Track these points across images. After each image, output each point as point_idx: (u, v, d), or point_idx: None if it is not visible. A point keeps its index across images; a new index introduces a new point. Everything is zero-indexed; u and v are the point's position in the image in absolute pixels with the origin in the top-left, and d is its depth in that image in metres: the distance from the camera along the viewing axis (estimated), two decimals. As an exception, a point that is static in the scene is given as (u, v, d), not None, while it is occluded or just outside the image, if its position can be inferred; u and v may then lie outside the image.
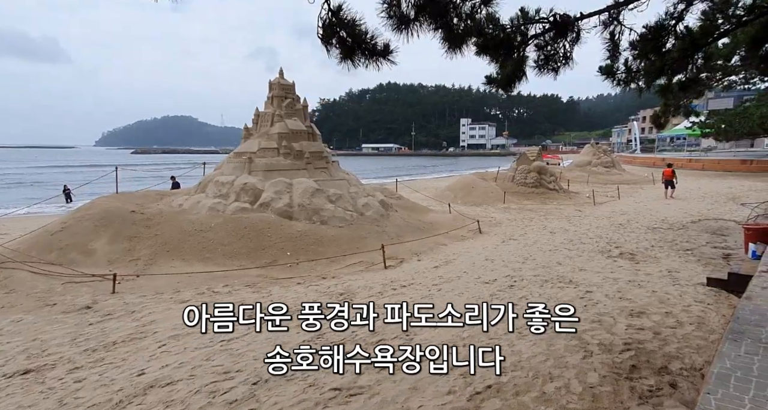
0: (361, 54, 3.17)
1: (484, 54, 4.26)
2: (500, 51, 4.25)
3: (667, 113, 11.30)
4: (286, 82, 12.79)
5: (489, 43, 4.18)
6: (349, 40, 3.07)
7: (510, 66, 4.41)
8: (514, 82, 4.51)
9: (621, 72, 4.90)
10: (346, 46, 3.10)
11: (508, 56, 4.34)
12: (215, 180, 11.37)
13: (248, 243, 9.09)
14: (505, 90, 4.58)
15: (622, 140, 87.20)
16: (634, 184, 26.69)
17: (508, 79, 4.45)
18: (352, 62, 3.22)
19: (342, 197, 11.46)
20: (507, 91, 4.60)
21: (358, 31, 3.07)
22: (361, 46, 3.10)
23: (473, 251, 9.83)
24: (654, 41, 4.27)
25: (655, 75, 4.63)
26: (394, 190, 17.60)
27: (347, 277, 7.87)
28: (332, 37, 3.06)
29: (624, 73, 4.86)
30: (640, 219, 13.87)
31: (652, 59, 4.52)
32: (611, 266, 8.25)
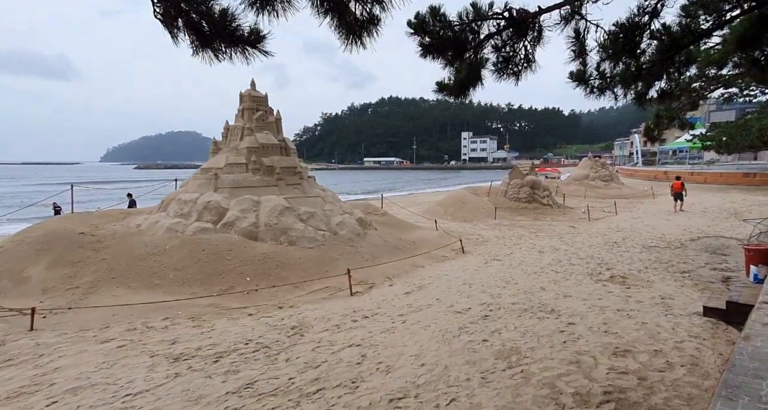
0: (222, 42, 2.57)
1: (430, 55, 3.72)
2: (448, 52, 3.72)
3: (659, 126, 10.81)
4: (257, 94, 12.32)
5: (436, 42, 3.65)
6: (201, 21, 2.48)
7: (464, 70, 3.87)
8: (467, 89, 3.96)
9: (594, 78, 4.35)
10: (199, 30, 2.50)
11: (458, 58, 3.81)
12: (178, 198, 10.79)
13: (204, 268, 8.45)
14: (457, 97, 4.03)
15: (624, 152, 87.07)
16: (633, 198, 26.13)
17: (461, 85, 3.90)
18: (214, 54, 2.64)
19: (314, 216, 10.86)
20: (460, 99, 4.05)
21: (211, 10, 2.48)
22: (219, 31, 2.50)
23: (452, 274, 9.18)
24: (626, 40, 3.74)
25: (631, 81, 4.08)
26: (379, 206, 17.02)
27: (306, 306, 7.21)
28: (176, 19, 2.47)
29: (597, 79, 4.32)
30: (636, 237, 13.25)
31: (627, 63, 3.98)
32: (599, 292, 7.61)
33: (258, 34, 2.62)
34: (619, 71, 4.12)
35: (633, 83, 4.19)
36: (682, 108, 11.95)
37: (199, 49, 2.57)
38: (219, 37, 2.50)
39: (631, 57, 3.88)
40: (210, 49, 2.58)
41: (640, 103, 4.49)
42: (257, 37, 2.62)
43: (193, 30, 2.47)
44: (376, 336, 5.75)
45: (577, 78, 4.37)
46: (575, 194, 27.14)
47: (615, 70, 4.17)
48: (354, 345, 5.40)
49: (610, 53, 3.89)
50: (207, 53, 2.60)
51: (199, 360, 4.83)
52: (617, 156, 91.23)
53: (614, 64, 4.12)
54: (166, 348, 5.13)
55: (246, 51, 2.62)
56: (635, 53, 3.87)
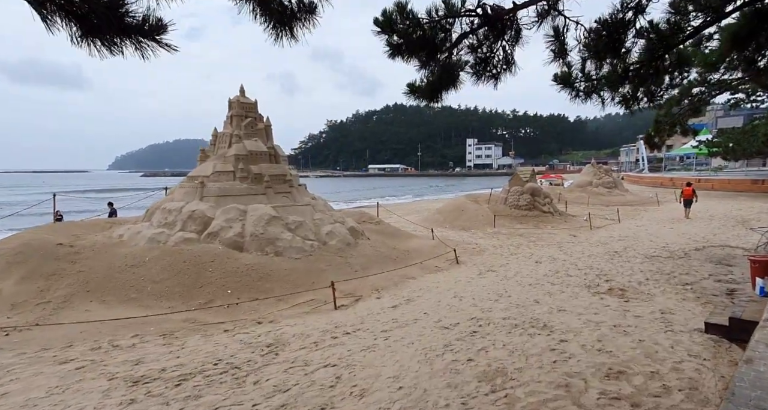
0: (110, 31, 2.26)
1: (400, 56, 3.48)
2: (420, 53, 3.47)
3: (660, 132, 10.51)
4: (246, 101, 12.14)
5: (405, 42, 3.41)
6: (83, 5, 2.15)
7: (437, 72, 3.62)
8: (440, 92, 3.70)
9: (579, 80, 4.09)
10: (81, 16, 2.19)
11: (431, 59, 3.57)
12: (162, 207, 10.58)
13: (184, 280, 8.19)
14: (430, 101, 3.77)
15: (630, 159, 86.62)
16: (637, 205, 25.73)
17: (433, 88, 3.64)
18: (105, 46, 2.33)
19: (303, 225, 10.61)
20: (432, 103, 3.79)
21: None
22: (102, 17, 2.18)
23: (443, 286, 8.88)
24: (609, 39, 3.48)
25: (618, 83, 3.81)
26: (375, 215, 16.75)
27: (287, 321, 6.92)
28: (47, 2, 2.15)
29: (582, 82, 4.05)
30: (638, 246, 12.90)
31: (613, 64, 3.71)
32: (596, 306, 7.28)
33: (158, 24, 2.33)
34: (605, 73, 3.86)
35: (620, 86, 3.93)
36: (683, 114, 11.66)
37: (82, 39, 2.27)
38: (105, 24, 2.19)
39: (616, 57, 3.61)
40: (99, 40, 2.27)
41: (628, 107, 4.22)
42: (157, 27, 2.33)
43: (71, 15, 2.16)
44: (355, 354, 5.45)
45: (561, 81, 4.11)
46: (578, 201, 26.78)
47: (600, 72, 3.91)
48: (329, 366, 5.11)
49: (593, 53, 3.63)
50: (94, 44, 2.30)
51: (160, 383, 4.55)
52: (623, 162, 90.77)
53: (599, 66, 3.86)
54: (127, 370, 4.86)
55: (142, 43, 2.32)
56: (620, 53, 3.61)
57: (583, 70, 3.99)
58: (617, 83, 3.85)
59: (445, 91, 3.71)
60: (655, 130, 9.90)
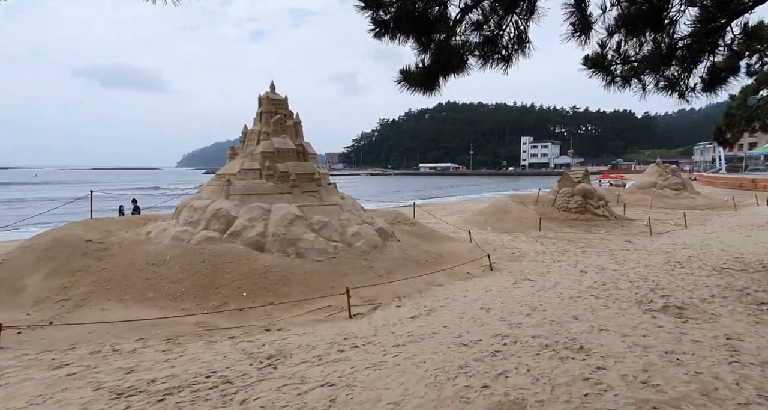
0: None
1: (388, 35, 3.00)
2: (411, 31, 2.98)
3: (733, 127, 9.24)
4: (276, 97, 12.03)
5: (394, 17, 2.92)
6: None
7: (433, 54, 3.11)
8: (437, 79, 3.17)
9: (615, 62, 3.40)
10: None
11: (427, 39, 3.06)
12: (190, 205, 10.66)
13: (201, 281, 8.12)
14: (425, 90, 3.25)
15: (705, 158, 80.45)
16: (709, 209, 23.50)
17: (427, 74, 3.11)
18: None
19: (327, 225, 10.32)
20: (429, 93, 3.28)
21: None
22: None
23: (471, 296, 8.26)
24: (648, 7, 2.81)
25: (661, 63, 3.10)
26: (410, 215, 16.27)
27: (296, 330, 6.60)
28: None
29: (618, 64, 3.36)
30: (706, 256, 11.56)
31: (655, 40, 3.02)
32: (646, 326, 6.41)
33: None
34: (647, 52, 3.16)
35: (663, 68, 3.20)
36: (763, 107, 10.22)
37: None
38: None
39: (657, 30, 2.92)
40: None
41: (680, 95, 3.46)
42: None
43: None
44: (358, 372, 5.02)
45: (593, 64, 3.44)
46: (640, 203, 24.91)
47: (640, 51, 3.21)
48: (327, 385, 4.71)
49: (627, 27, 2.95)
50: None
51: (144, 396, 4.33)
52: (698, 162, 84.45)
53: (638, 44, 3.17)
54: (117, 379, 4.70)
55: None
56: (661, 24, 2.91)
57: (619, 50, 3.31)
58: (659, 64, 3.13)
59: (443, 77, 3.18)
60: (726, 124, 8.67)
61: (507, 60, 3.20)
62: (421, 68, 3.15)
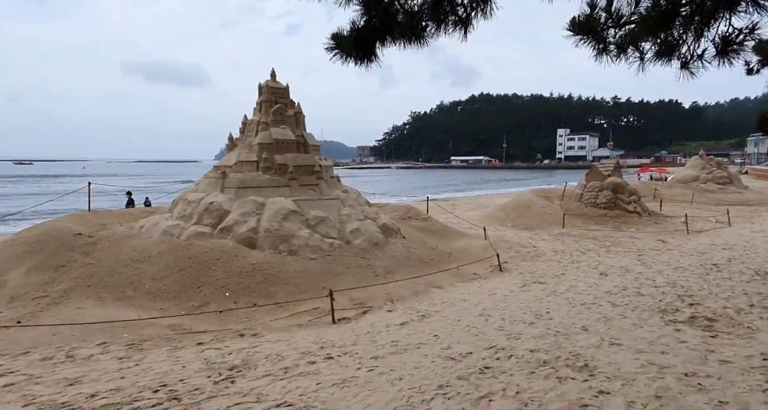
0: None
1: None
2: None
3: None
4: (276, 85, 11.62)
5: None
6: None
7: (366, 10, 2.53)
8: (372, 47, 2.60)
9: (606, 26, 2.72)
10: None
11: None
12: (184, 198, 10.43)
13: (184, 279, 7.81)
14: (358, 59, 2.69)
15: (760, 150, 76.03)
16: (758, 205, 21.83)
17: (358, 39, 2.55)
18: None
19: (325, 221, 9.86)
20: (364, 64, 2.71)
21: None
22: None
23: (472, 299, 7.62)
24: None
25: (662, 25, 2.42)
26: (423, 210, 15.66)
27: (271, 335, 6.16)
28: None
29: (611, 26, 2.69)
30: (749, 258, 10.49)
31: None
32: (666, 340, 5.65)
33: None
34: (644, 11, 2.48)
35: (666, 31, 2.50)
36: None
37: None
38: None
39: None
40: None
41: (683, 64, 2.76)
42: None
43: None
44: (322, 390, 4.52)
45: (580, 28, 2.78)
46: (680, 198, 23.42)
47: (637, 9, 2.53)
48: (284, 405, 4.22)
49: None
50: None
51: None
52: (751, 154, 79.97)
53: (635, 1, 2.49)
54: (55, 392, 4.36)
55: None
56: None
57: (610, 10, 2.62)
58: (660, 26, 2.43)
59: (380, 43, 2.60)
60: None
61: (465, 23, 2.60)
62: (352, 32, 2.57)
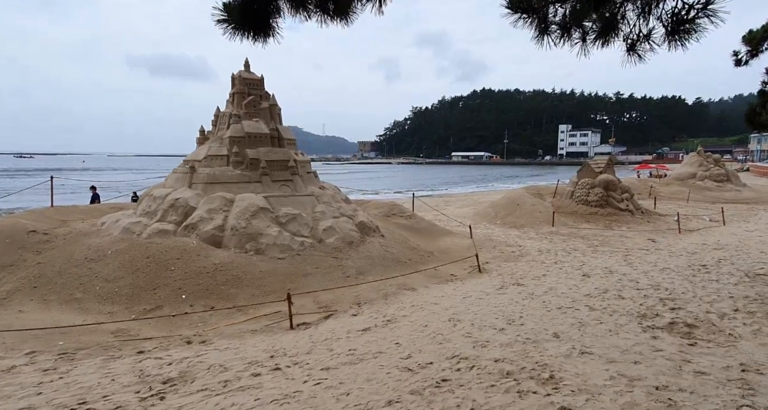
0: None
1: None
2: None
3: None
4: (250, 76, 11.24)
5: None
6: None
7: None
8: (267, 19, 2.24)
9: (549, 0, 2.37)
10: None
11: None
12: (150, 194, 10.07)
13: (138, 280, 7.47)
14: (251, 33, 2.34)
15: (762, 147, 76.01)
16: (755, 204, 21.54)
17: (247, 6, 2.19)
18: None
19: (296, 219, 9.52)
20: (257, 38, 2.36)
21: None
22: None
23: (444, 303, 7.30)
24: None
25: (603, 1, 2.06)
26: (408, 207, 15.33)
27: (220, 343, 5.82)
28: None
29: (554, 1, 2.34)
30: (740, 259, 10.19)
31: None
32: (641, 349, 5.33)
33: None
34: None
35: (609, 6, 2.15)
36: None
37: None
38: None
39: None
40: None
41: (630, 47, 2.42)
42: None
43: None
44: (260, 407, 4.20)
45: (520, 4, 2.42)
46: (676, 196, 23.13)
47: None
48: (211, 425, 3.91)
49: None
50: None
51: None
52: (753, 151, 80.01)
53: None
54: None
55: None
56: None
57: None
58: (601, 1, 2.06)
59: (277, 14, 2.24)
60: (762, 104, 7.29)
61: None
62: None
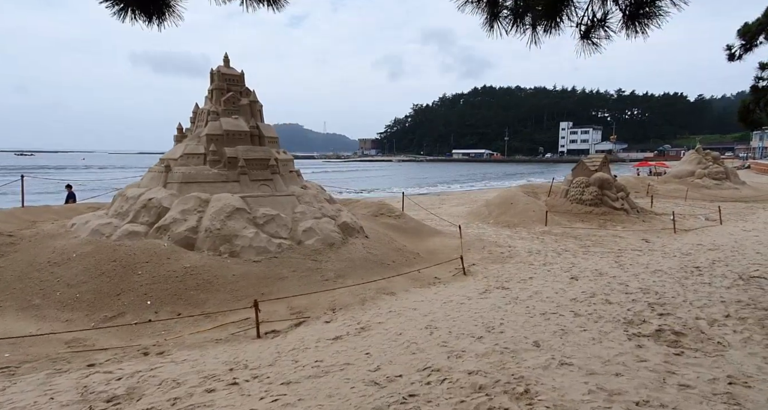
0: None
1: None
2: None
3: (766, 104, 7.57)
4: (229, 72, 10.95)
5: None
6: None
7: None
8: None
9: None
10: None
11: None
12: (123, 194, 9.79)
13: (102, 285, 7.19)
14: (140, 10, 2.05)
15: (765, 144, 75.89)
16: (754, 202, 21.31)
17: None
18: None
19: (275, 220, 9.25)
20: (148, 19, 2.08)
21: None
22: None
23: (424, 308, 7.03)
24: None
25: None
26: (397, 207, 15.04)
27: (180, 354, 5.53)
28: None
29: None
30: (735, 260, 9.93)
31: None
32: (625, 359, 5.07)
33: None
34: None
35: None
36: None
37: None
38: None
39: None
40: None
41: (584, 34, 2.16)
42: None
43: None
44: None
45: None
46: (673, 194, 22.89)
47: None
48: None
49: None
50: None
51: None
52: (755, 148, 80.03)
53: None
54: None
55: None
56: None
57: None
58: None
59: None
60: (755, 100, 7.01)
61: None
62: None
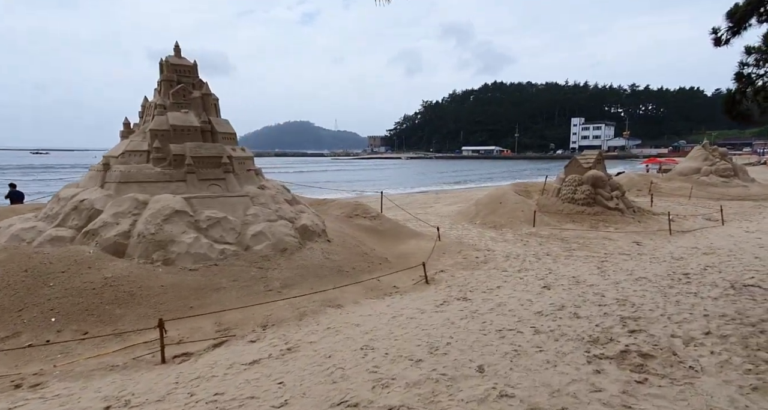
0: None
1: None
2: None
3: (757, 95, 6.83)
4: (180, 62, 10.32)
5: None
6: None
7: None
8: None
9: None
10: None
11: None
12: (57, 195, 9.22)
13: (3, 300, 6.52)
14: None
15: (787, 139, 74.88)
16: (763, 200, 20.47)
17: None
18: None
19: (221, 223, 8.63)
20: None
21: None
22: None
23: (368, 324, 6.37)
24: None
25: None
26: (373, 207, 14.40)
27: (54, 387, 4.83)
28: None
29: None
30: (730, 266, 9.18)
31: None
32: (577, 388, 4.39)
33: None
34: None
35: None
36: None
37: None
38: None
39: None
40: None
41: None
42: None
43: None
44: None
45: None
46: (677, 193, 22.10)
47: None
48: None
49: None
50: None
51: None
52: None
53: None
54: None
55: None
56: None
57: None
58: None
59: None
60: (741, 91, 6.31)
61: None
62: None
